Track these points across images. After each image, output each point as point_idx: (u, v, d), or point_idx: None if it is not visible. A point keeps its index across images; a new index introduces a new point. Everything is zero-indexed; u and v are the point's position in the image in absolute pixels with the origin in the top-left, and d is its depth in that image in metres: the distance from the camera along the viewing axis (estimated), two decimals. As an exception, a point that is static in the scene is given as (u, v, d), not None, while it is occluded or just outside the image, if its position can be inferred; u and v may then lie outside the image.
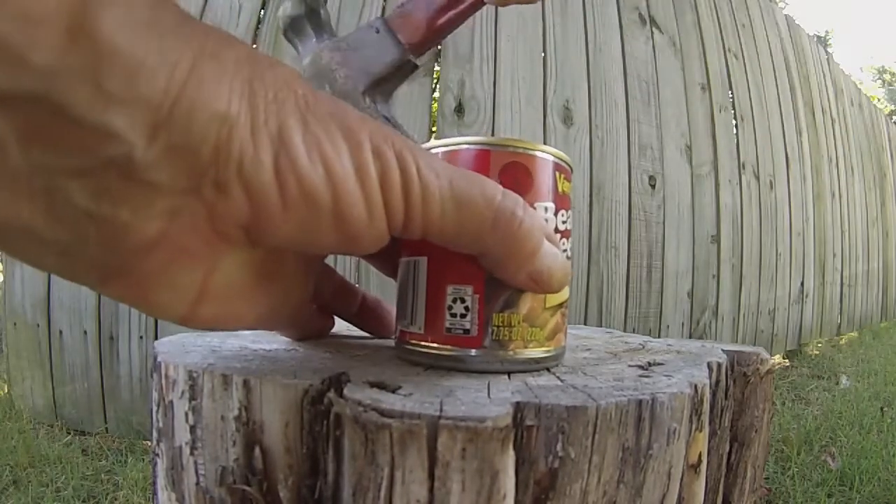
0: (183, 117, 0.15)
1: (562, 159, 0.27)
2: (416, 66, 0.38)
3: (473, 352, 0.25)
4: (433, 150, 0.26)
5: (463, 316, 0.24)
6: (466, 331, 0.24)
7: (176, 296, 0.19)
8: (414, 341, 0.26)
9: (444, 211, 0.20)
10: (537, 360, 0.26)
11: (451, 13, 0.37)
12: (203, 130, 0.15)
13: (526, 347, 0.25)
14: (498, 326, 0.24)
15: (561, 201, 0.26)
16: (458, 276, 0.25)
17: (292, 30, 0.40)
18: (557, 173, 0.26)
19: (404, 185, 0.19)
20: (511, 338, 0.25)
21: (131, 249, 0.16)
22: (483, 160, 0.25)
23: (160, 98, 0.14)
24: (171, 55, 0.14)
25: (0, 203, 0.14)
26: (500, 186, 0.22)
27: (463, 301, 0.24)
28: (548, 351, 0.26)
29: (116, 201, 0.15)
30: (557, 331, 0.27)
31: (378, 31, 0.38)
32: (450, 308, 0.25)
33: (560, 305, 0.26)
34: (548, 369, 0.27)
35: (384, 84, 0.38)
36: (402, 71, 0.38)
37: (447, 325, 0.25)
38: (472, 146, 0.25)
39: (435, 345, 0.25)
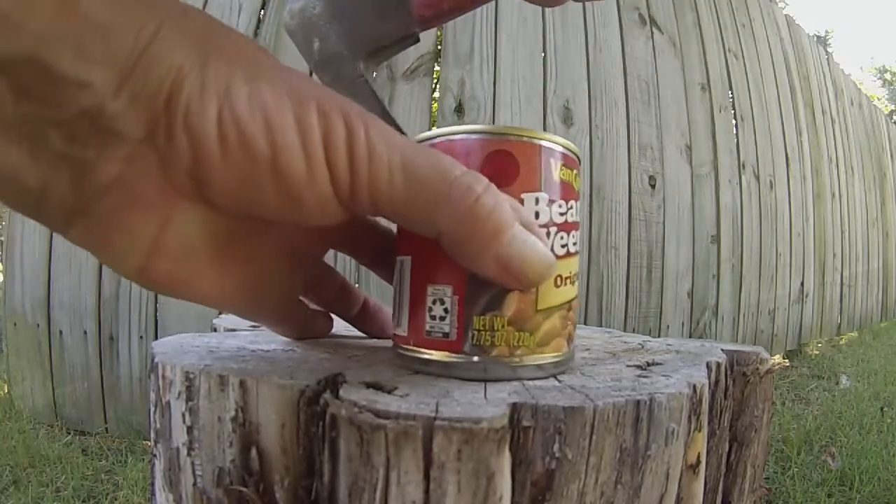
0: (143, 70, 0.17)
1: (561, 145, 0.25)
2: (416, 39, 0.34)
3: (453, 357, 0.23)
4: (438, 140, 0.25)
5: (442, 318, 0.23)
6: (446, 334, 0.23)
7: (131, 242, 0.20)
8: (401, 344, 0.25)
9: (392, 179, 0.19)
10: (525, 368, 0.23)
11: None
12: (160, 80, 0.17)
13: (511, 354, 0.23)
14: (479, 330, 0.23)
15: (559, 191, 0.24)
16: (438, 275, 0.23)
17: None
18: (552, 161, 0.24)
19: (349, 145, 0.19)
20: (493, 343, 0.23)
21: (94, 188, 0.18)
22: (468, 149, 0.24)
23: (127, 55, 0.17)
24: (139, 20, 0.17)
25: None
26: (462, 166, 0.21)
27: (442, 302, 0.23)
28: (541, 358, 0.24)
29: (85, 145, 0.17)
30: (554, 336, 0.24)
31: None
32: (430, 310, 0.23)
33: (558, 308, 0.24)
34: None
35: (379, 53, 0.34)
36: (402, 42, 0.33)
37: (427, 327, 0.23)
38: (456, 135, 0.24)
39: (416, 348, 0.24)
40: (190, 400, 0.23)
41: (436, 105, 1.68)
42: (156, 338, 1.45)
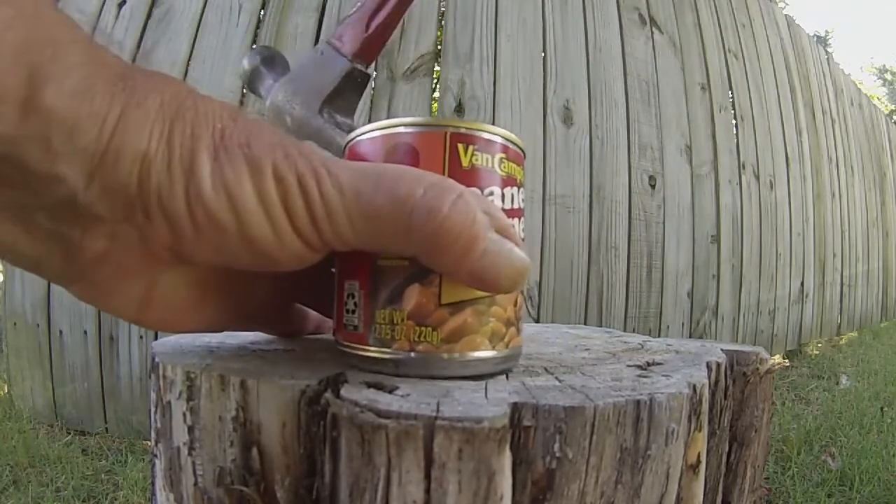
0: (111, 162, 0.18)
1: (474, 129, 0.23)
2: (365, 74, 0.40)
3: (363, 350, 0.23)
4: (355, 140, 0.25)
5: (353, 312, 0.24)
6: (355, 327, 0.23)
7: (124, 302, 0.22)
8: (334, 336, 0.26)
9: (353, 226, 0.20)
10: (428, 364, 0.23)
11: (383, 13, 0.39)
12: (128, 170, 0.18)
13: (412, 350, 0.22)
14: (380, 324, 0.23)
15: (474, 178, 0.23)
16: (351, 271, 0.24)
17: (253, 82, 0.43)
18: (462, 147, 0.23)
19: (307, 207, 0.20)
20: (394, 337, 0.22)
21: (84, 262, 0.20)
22: (375, 146, 0.24)
23: (92, 149, 0.17)
24: (101, 112, 0.17)
25: None
26: (433, 178, 0.20)
27: (353, 297, 0.23)
28: (449, 356, 0.22)
29: (70, 226, 0.19)
30: (466, 333, 0.23)
31: (323, 53, 0.40)
32: (345, 304, 0.24)
33: (470, 302, 0.22)
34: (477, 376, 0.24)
35: (339, 98, 0.39)
36: (351, 80, 0.39)
37: (344, 321, 0.24)
38: (365, 134, 0.24)
39: (340, 341, 0.25)
40: (191, 400, 0.23)
41: (436, 105, 1.68)
42: (156, 338, 1.46)
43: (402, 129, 0.23)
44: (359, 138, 0.25)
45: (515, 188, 0.25)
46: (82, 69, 0.17)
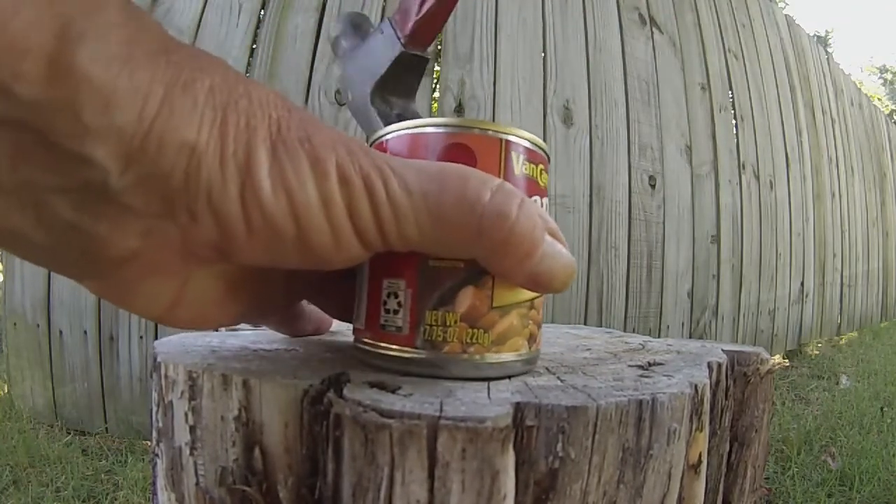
0: (153, 148, 0.15)
1: (525, 139, 0.24)
2: (417, 57, 0.38)
3: (405, 351, 0.23)
4: (392, 135, 0.24)
5: (395, 312, 0.23)
6: (399, 328, 0.23)
7: (150, 302, 0.20)
8: (358, 337, 0.25)
9: (420, 228, 0.19)
10: (477, 366, 0.23)
11: None
12: (172, 160, 0.16)
13: (465, 352, 0.22)
14: (431, 325, 0.22)
15: (522, 186, 0.23)
16: (394, 269, 0.23)
17: (334, 48, 0.43)
18: (514, 155, 0.23)
19: (374, 210, 0.19)
20: (446, 339, 0.22)
21: (108, 260, 0.17)
22: (429, 143, 0.23)
23: (132, 130, 0.15)
24: (143, 88, 0.15)
25: None
26: (496, 181, 0.20)
27: (396, 296, 0.23)
28: (496, 357, 0.23)
29: (96, 217, 0.16)
30: (511, 335, 0.23)
31: (382, 32, 0.39)
32: (384, 303, 0.23)
33: (516, 306, 0.23)
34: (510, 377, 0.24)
35: (393, 81, 0.38)
36: (403, 64, 0.38)
37: (382, 321, 0.23)
38: (418, 129, 0.23)
39: (372, 342, 0.24)
40: (193, 399, 0.23)
41: (436, 105, 1.68)
42: (156, 338, 1.45)
43: (457, 130, 0.23)
44: (402, 133, 0.24)
45: (546, 199, 0.25)
46: (121, 31, 0.14)
